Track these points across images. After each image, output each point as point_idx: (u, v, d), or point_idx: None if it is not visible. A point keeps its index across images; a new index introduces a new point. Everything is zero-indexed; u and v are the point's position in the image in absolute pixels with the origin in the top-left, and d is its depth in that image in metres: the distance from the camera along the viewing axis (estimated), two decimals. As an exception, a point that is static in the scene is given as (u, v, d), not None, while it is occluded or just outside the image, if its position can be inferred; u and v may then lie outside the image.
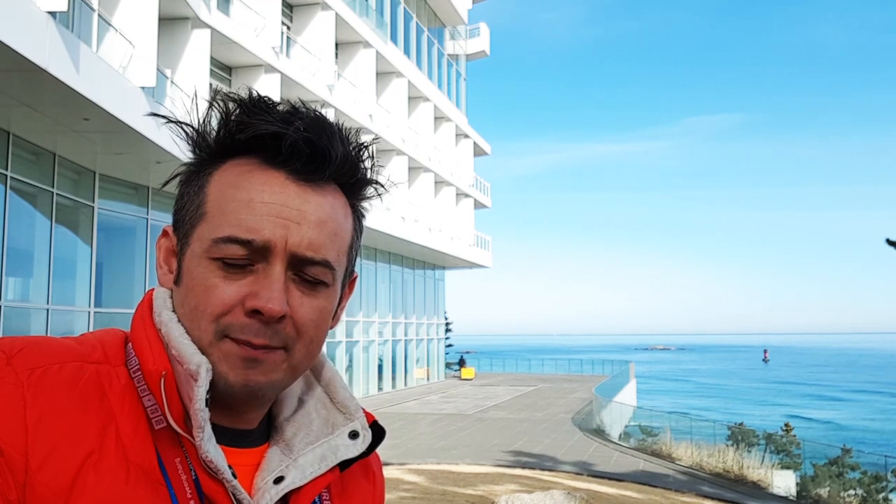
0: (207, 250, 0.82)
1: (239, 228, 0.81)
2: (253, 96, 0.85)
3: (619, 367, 47.49)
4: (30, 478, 0.73)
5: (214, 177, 0.86)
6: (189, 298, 0.83)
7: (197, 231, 0.84)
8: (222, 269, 0.81)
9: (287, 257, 0.82)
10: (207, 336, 0.81)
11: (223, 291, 0.81)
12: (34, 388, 0.76)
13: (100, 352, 0.83)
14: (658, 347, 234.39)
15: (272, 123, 0.82)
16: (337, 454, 0.89)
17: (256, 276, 0.81)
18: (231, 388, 0.82)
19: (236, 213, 0.81)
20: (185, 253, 0.85)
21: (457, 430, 20.64)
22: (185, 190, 0.88)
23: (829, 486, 19.25)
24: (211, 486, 0.81)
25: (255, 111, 0.83)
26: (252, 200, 0.82)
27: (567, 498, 9.38)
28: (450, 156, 35.84)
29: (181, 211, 0.88)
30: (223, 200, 0.83)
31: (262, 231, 0.80)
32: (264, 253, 0.81)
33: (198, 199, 0.86)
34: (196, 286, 0.82)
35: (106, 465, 0.76)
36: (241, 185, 0.83)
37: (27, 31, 9.31)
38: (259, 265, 0.82)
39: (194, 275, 0.83)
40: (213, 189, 0.85)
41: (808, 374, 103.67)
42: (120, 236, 16.68)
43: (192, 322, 0.82)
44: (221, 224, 0.82)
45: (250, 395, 0.84)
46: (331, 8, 23.94)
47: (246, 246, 0.80)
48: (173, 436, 0.81)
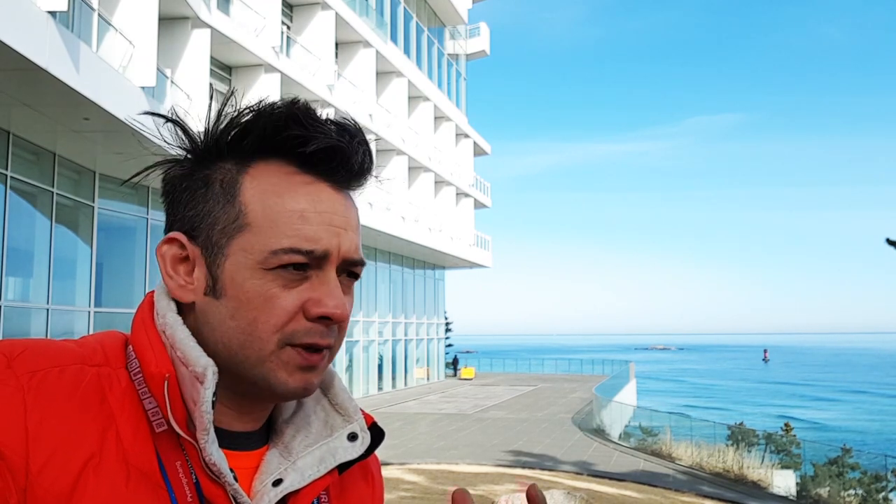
0: (262, 262, 0.82)
1: (298, 239, 0.82)
2: (298, 104, 0.85)
3: (619, 367, 47.52)
4: (31, 481, 0.73)
5: (246, 184, 0.84)
6: (244, 311, 0.82)
7: (238, 241, 0.83)
8: (280, 279, 0.82)
9: (339, 262, 0.85)
10: (270, 346, 0.82)
11: (285, 301, 0.82)
12: (35, 391, 0.75)
13: (100, 354, 0.83)
14: (658, 347, 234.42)
15: (329, 137, 0.83)
16: (336, 456, 0.89)
17: (311, 283, 0.83)
18: (289, 394, 0.84)
19: (292, 224, 0.82)
20: (221, 264, 0.84)
21: (457, 430, 20.64)
22: (203, 196, 0.86)
23: (829, 485, 19.25)
24: (211, 489, 0.81)
25: (311, 123, 0.84)
26: (305, 210, 0.83)
27: (567, 498, 9.38)
28: (450, 156, 35.84)
29: (204, 218, 0.85)
30: (270, 210, 0.83)
31: (321, 241, 0.83)
32: (320, 261, 0.83)
33: (232, 209, 0.84)
34: (252, 298, 0.82)
35: (106, 468, 0.76)
36: (288, 194, 0.83)
37: (27, 31, 9.31)
38: (312, 272, 0.83)
39: (247, 287, 0.82)
40: (251, 197, 0.84)
41: (801, 375, 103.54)
42: (120, 236, 16.68)
43: (252, 335, 0.82)
44: (276, 235, 0.82)
45: (305, 396, 0.87)
46: (331, 8, 23.94)
47: (307, 255, 0.82)
48: (174, 438, 0.81)
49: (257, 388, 0.84)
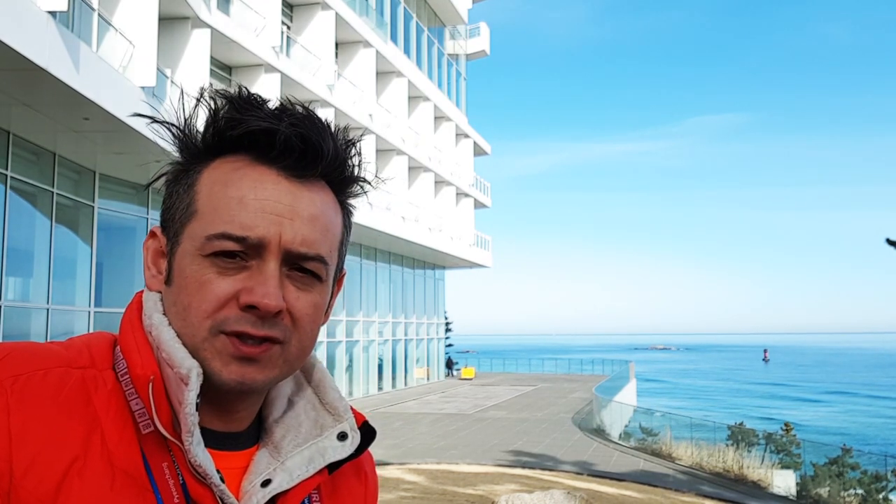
0: (200, 248, 0.82)
1: (232, 225, 0.81)
2: (242, 94, 0.85)
3: (619, 366, 47.49)
4: (14, 485, 0.73)
5: (204, 175, 0.86)
6: (182, 297, 0.82)
7: (187, 229, 0.84)
8: (215, 266, 0.81)
9: (281, 253, 0.82)
10: (202, 333, 0.81)
11: (217, 287, 0.81)
12: (18, 394, 0.75)
13: (86, 356, 0.83)
14: (658, 347, 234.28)
15: (263, 119, 0.82)
16: (325, 456, 0.88)
17: (251, 272, 0.81)
18: (225, 386, 0.82)
19: (229, 210, 0.81)
20: (175, 252, 0.85)
21: (457, 430, 20.64)
22: (173, 189, 0.88)
23: (829, 485, 19.23)
24: (198, 490, 0.80)
25: (245, 108, 0.83)
26: (244, 197, 0.82)
27: (567, 498, 9.37)
28: (450, 155, 35.84)
29: (170, 210, 0.87)
30: (215, 198, 0.83)
31: (256, 228, 0.81)
32: (258, 249, 0.81)
33: (187, 198, 0.85)
34: (189, 284, 0.82)
35: (91, 471, 0.75)
36: (233, 182, 0.83)
37: (27, 31, 9.31)
38: (253, 261, 0.82)
39: (186, 273, 0.82)
40: (203, 187, 0.85)
41: (800, 375, 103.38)
42: (120, 236, 16.69)
43: (186, 320, 0.82)
44: (214, 221, 0.82)
45: (245, 392, 0.84)
46: (331, 7, 23.94)
47: (240, 242, 0.81)
48: (160, 440, 0.81)
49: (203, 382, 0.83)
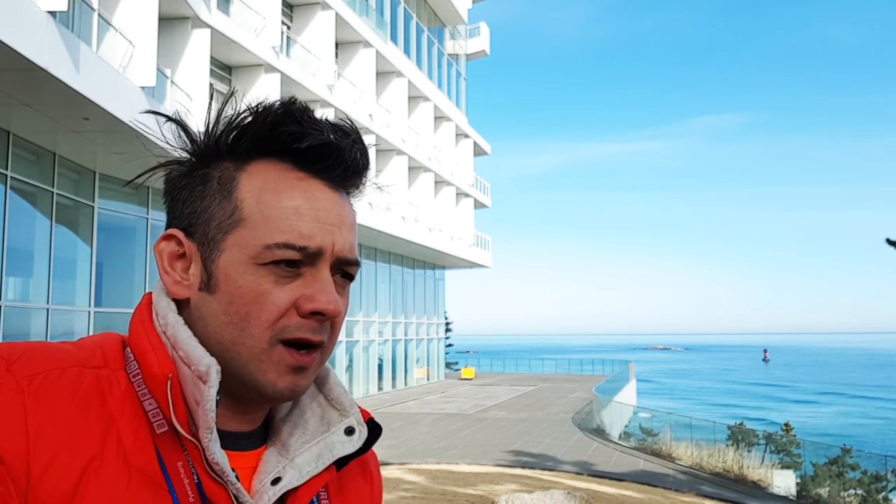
0: (255, 256, 0.82)
1: (292, 235, 0.82)
2: (296, 103, 0.86)
3: (619, 366, 47.49)
4: (32, 485, 0.73)
5: (243, 181, 0.86)
6: (236, 306, 0.83)
7: (233, 237, 0.84)
8: (273, 275, 0.82)
9: (333, 260, 0.85)
10: (262, 343, 0.82)
11: (277, 296, 0.82)
12: (35, 394, 0.76)
13: (99, 356, 0.83)
14: (658, 347, 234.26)
15: (323, 133, 0.84)
16: (333, 451, 0.89)
17: (304, 280, 0.83)
18: (278, 395, 0.84)
19: (286, 220, 0.83)
20: (216, 259, 0.84)
21: (457, 430, 20.64)
22: (200, 193, 0.87)
23: (829, 485, 19.23)
24: (213, 488, 0.81)
25: (306, 121, 0.85)
26: (300, 207, 0.84)
27: (567, 498, 9.37)
28: (450, 156, 35.84)
29: (200, 214, 0.86)
30: (267, 207, 0.84)
31: (315, 237, 0.83)
32: (314, 258, 0.83)
33: (229, 205, 0.85)
34: (244, 293, 0.82)
35: (107, 470, 0.76)
36: (283, 191, 0.84)
37: (27, 31, 9.31)
38: (305, 269, 0.84)
39: (240, 282, 0.83)
40: (247, 194, 0.85)
41: (792, 376, 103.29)
42: (120, 236, 16.68)
43: (243, 330, 0.82)
44: (271, 230, 0.83)
45: (293, 398, 0.86)
46: (331, 7, 23.94)
47: (301, 252, 0.82)
48: (175, 439, 0.81)
49: (246, 388, 0.84)
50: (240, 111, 0.86)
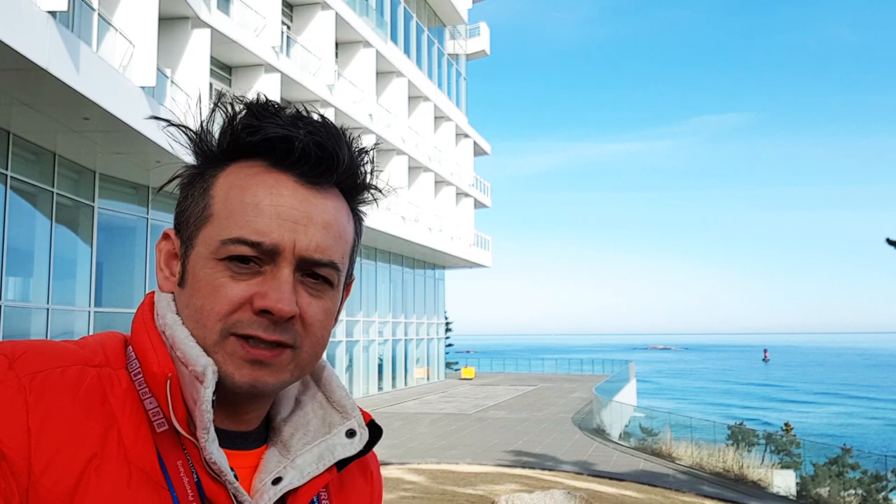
0: (214, 251, 0.83)
1: (248, 230, 0.82)
2: (260, 100, 0.86)
3: (619, 366, 47.49)
4: (33, 482, 0.73)
5: (220, 179, 0.86)
6: (195, 299, 0.83)
7: (202, 233, 0.85)
8: (229, 270, 0.82)
9: (295, 260, 0.83)
10: (213, 336, 0.82)
11: (230, 290, 0.82)
12: (37, 392, 0.76)
13: (101, 355, 0.84)
14: (658, 347, 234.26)
15: (282, 127, 0.83)
16: (334, 453, 0.89)
17: (264, 278, 0.82)
18: (238, 388, 0.83)
19: (244, 216, 0.82)
20: (189, 255, 0.86)
21: (457, 430, 20.64)
22: (188, 192, 0.89)
23: (829, 485, 19.24)
24: (212, 487, 0.81)
25: (263, 115, 0.84)
26: (260, 203, 0.83)
27: (567, 497, 9.37)
28: (450, 155, 35.84)
29: (184, 213, 0.88)
30: (230, 203, 0.84)
31: (271, 234, 0.82)
32: (273, 255, 0.82)
33: (203, 202, 0.86)
34: (202, 287, 0.83)
35: (108, 468, 0.76)
36: (249, 187, 0.84)
37: (27, 31, 9.31)
38: (266, 267, 0.83)
39: (200, 276, 0.83)
40: (218, 191, 0.85)
41: (792, 376, 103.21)
42: (120, 236, 16.68)
43: (198, 322, 0.83)
44: (229, 226, 0.83)
45: (256, 395, 0.85)
46: (331, 7, 23.94)
47: (255, 248, 0.82)
48: (175, 438, 0.82)
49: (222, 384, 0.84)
50: (236, 113, 0.86)
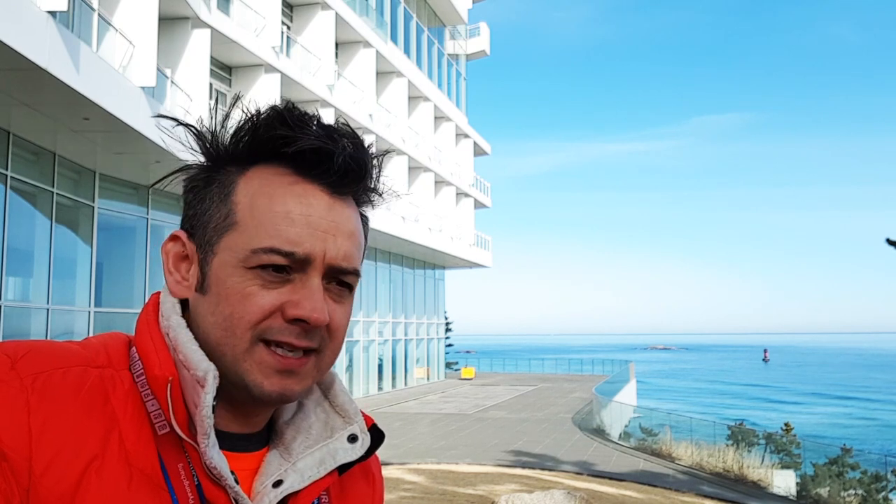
0: (244, 260, 0.83)
1: (279, 240, 0.82)
2: (289, 108, 0.86)
3: (619, 366, 47.50)
4: (33, 482, 0.73)
5: (241, 185, 0.86)
6: (222, 307, 0.83)
7: (226, 240, 0.84)
8: (260, 279, 0.82)
9: (325, 268, 0.84)
10: (243, 344, 0.82)
11: (262, 299, 0.82)
12: (38, 392, 0.76)
13: (104, 356, 0.84)
14: (658, 347, 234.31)
15: (318, 139, 0.83)
16: (336, 458, 0.89)
17: (294, 286, 0.83)
18: (266, 398, 0.83)
19: (275, 225, 0.82)
20: (210, 261, 0.85)
21: (457, 430, 20.64)
22: (202, 195, 0.88)
23: (829, 485, 19.25)
24: (213, 490, 0.81)
25: (298, 125, 0.84)
26: (291, 212, 0.83)
27: (567, 498, 9.37)
28: (450, 156, 35.84)
29: (200, 217, 0.87)
30: (258, 211, 0.84)
31: (303, 243, 0.82)
32: (304, 264, 0.83)
33: (224, 208, 0.86)
34: (231, 294, 0.82)
35: (109, 469, 0.76)
36: (277, 195, 0.84)
37: (27, 31, 9.31)
38: (296, 275, 0.83)
39: (228, 284, 0.83)
40: (241, 198, 0.85)
41: (792, 376, 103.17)
42: (120, 236, 16.68)
43: (227, 330, 0.83)
44: (259, 234, 0.82)
45: (285, 402, 0.86)
46: (331, 7, 23.94)
47: (287, 257, 0.82)
48: (176, 441, 0.82)
49: (238, 390, 0.84)
50: (244, 116, 0.86)
